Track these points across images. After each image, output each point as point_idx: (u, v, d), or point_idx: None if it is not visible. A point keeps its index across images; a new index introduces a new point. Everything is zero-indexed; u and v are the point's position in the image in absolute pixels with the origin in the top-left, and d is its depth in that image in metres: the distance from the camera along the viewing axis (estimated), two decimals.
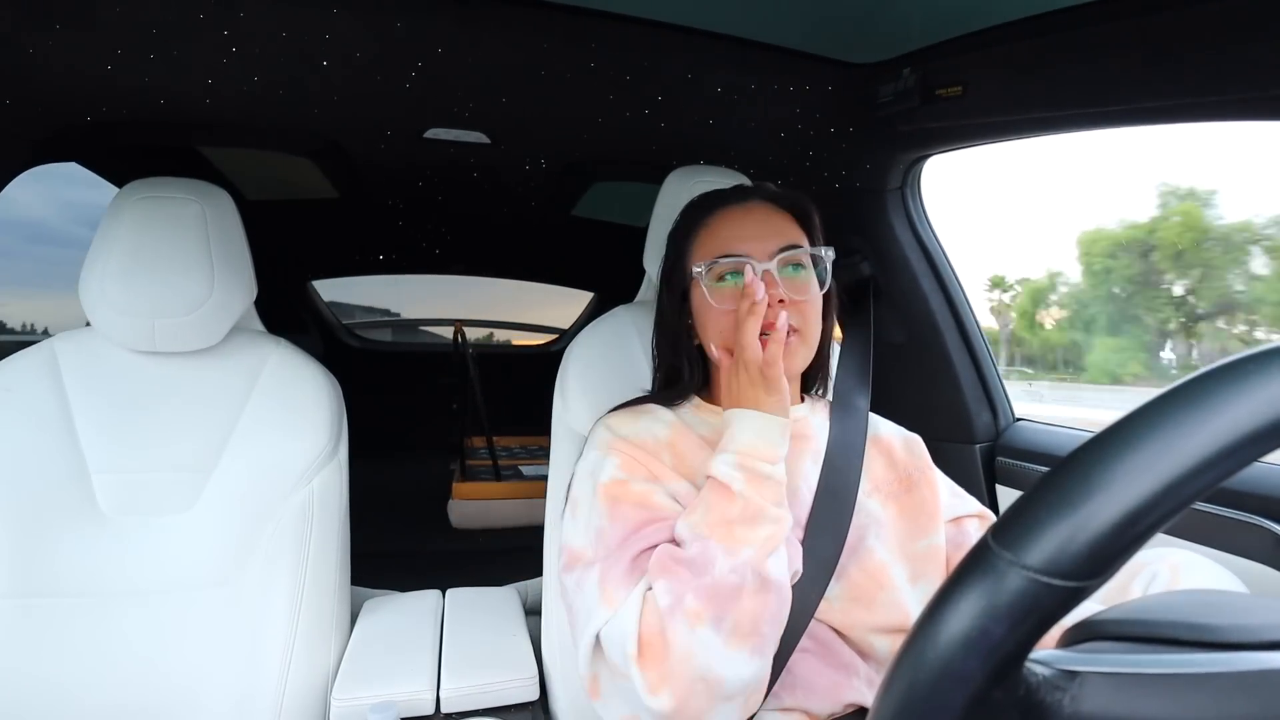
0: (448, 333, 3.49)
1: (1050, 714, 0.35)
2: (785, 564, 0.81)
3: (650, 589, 0.77)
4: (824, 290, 0.95)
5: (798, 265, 0.93)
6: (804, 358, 0.93)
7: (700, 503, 0.81)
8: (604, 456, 0.92)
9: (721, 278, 0.92)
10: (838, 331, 1.15)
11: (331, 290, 3.66)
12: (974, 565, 0.34)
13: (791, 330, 0.89)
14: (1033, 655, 0.35)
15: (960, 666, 0.33)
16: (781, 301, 0.88)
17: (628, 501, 0.86)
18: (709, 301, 0.92)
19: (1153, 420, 0.33)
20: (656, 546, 0.81)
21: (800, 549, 0.87)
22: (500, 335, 4.12)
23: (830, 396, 1.06)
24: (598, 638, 0.80)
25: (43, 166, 1.68)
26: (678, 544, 0.80)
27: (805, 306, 0.91)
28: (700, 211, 0.99)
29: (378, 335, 3.98)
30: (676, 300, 0.99)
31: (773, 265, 0.89)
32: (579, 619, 0.84)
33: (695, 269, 0.93)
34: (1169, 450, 0.31)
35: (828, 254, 0.95)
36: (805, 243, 0.95)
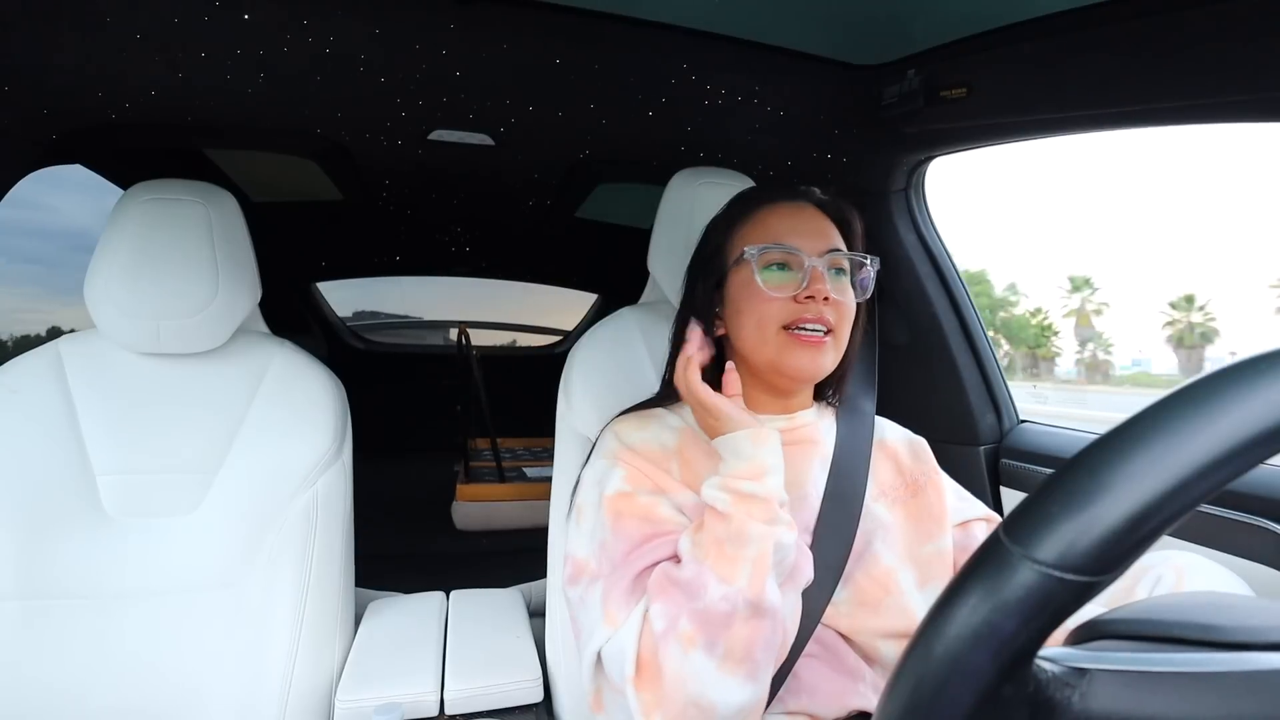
0: (452, 334, 3.49)
1: (1059, 711, 0.35)
2: (791, 586, 0.81)
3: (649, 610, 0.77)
4: (867, 297, 0.97)
5: (840, 270, 0.94)
6: (833, 359, 0.93)
7: (699, 523, 0.81)
8: (610, 467, 0.92)
9: (768, 267, 0.93)
10: None
11: (352, 301, 3.67)
12: (985, 560, 0.34)
13: (828, 330, 0.90)
14: (1042, 652, 0.35)
15: (971, 661, 0.33)
16: (826, 299, 0.89)
17: (632, 515, 0.86)
18: (759, 285, 0.92)
19: (1167, 416, 0.33)
20: (660, 563, 0.81)
21: (810, 557, 0.87)
22: (508, 337, 4.12)
23: (839, 402, 1.06)
24: (600, 655, 0.80)
25: (87, 176, 1.71)
26: (680, 559, 0.80)
27: (844, 308, 0.92)
28: (749, 204, 1.00)
29: (381, 337, 3.98)
30: (709, 288, 0.99)
31: (822, 263, 0.91)
32: (583, 634, 0.85)
33: (747, 251, 0.93)
34: (1182, 445, 0.31)
35: (873, 262, 0.96)
36: (846, 249, 0.96)
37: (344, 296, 3.68)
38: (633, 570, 0.81)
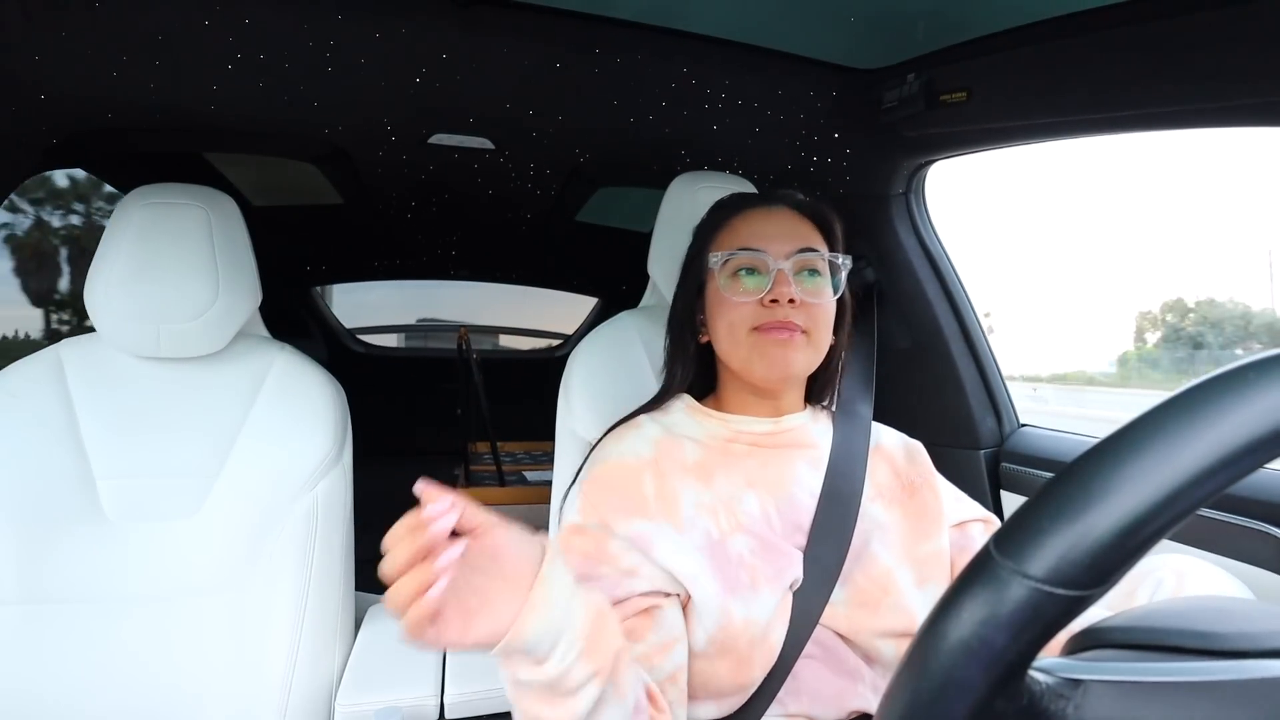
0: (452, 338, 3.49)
1: None
2: (778, 586, 0.82)
3: None
4: (837, 297, 0.96)
5: (814, 271, 0.94)
6: (809, 360, 0.93)
7: None
8: (576, 493, 0.93)
9: (736, 273, 0.93)
10: None
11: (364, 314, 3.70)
12: (976, 574, 0.34)
13: (800, 330, 0.90)
14: (1036, 663, 0.35)
15: (963, 676, 0.33)
16: (792, 301, 0.89)
17: (574, 552, 0.85)
18: (722, 292, 0.93)
19: (1154, 428, 0.32)
20: None
21: (799, 556, 0.87)
22: (511, 341, 4.12)
23: (834, 405, 1.06)
24: None
25: None
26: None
27: (816, 310, 0.92)
28: (726, 211, 1.01)
29: (381, 340, 3.98)
30: (691, 294, 1.01)
31: (788, 265, 0.91)
32: None
33: (711, 259, 0.94)
34: (1170, 458, 0.31)
35: (844, 262, 0.96)
36: (824, 250, 0.96)
37: (343, 301, 3.69)
38: None
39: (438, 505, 0.56)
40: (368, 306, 3.81)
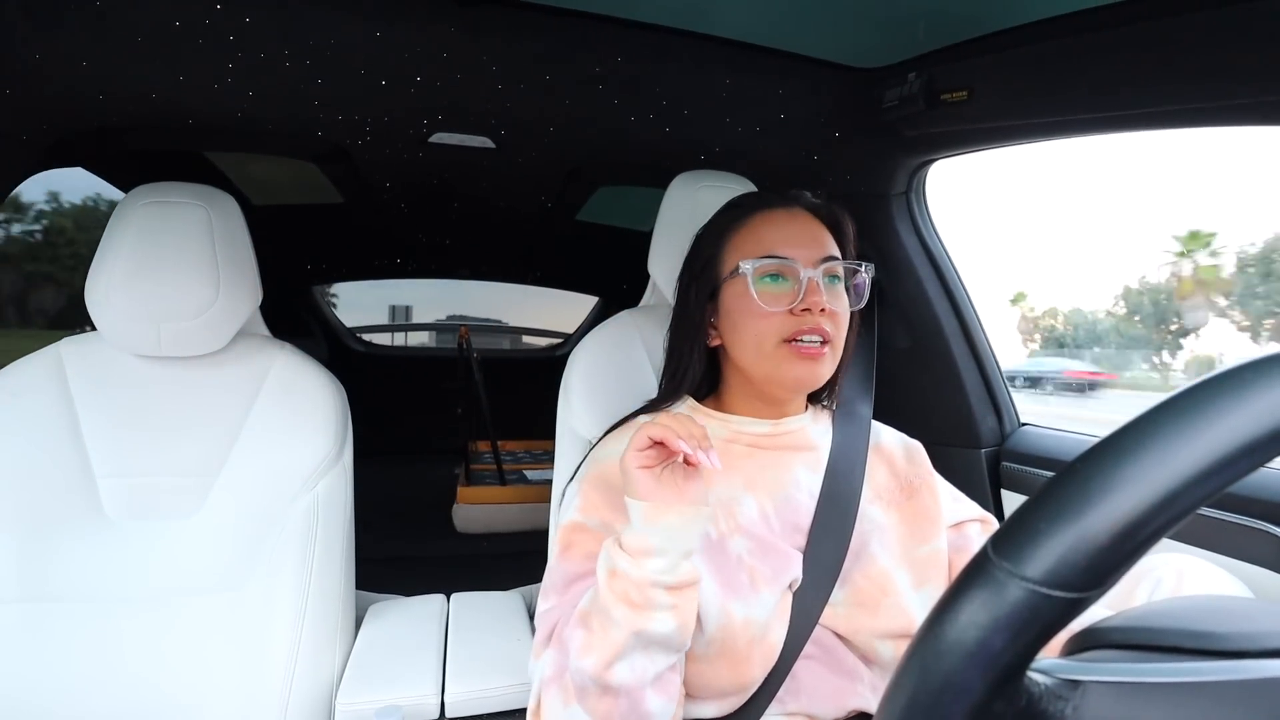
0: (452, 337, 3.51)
1: None
2: (777, 587, 0.83)
3: None
4: (862, 305, 0.96)
5: (835, 277, 0.93)
6: (830, 368, 0.92)
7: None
8: (575, 491, 0.93)
9: (763, 279, 0.92)
10: None
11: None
12: (974, 576, 0.34)
13: (825, 340, 0.90)
14: (1034, 665, 0.35)
15: (961, 678, 0.33)
16: (823, 310, 0.89)
17: (577, 549, 0.86)
18: (755, 300, 0.90)
19: (1152, 429, 0.32)
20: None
21: (799, 557, 0.87)
22: (509, 339, 4.14)
23: (834, 405, 1.06)
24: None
25: None
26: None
27: (839, 317, 0.92)
28: (740, 211, 0.99)
29: (382, 339, 3.99)
30: (704, 298, 0.98)
31: (818, 273, 0.90)
32: None
33: (743, 266, 0.92)
34: (1168, 460, 0.31)
35: (868, 269, 0.95)
36: (841, 255, 0.95)
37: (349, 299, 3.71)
38: (564, 608, 0.82)
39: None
40: (422, 303, 3.87)
